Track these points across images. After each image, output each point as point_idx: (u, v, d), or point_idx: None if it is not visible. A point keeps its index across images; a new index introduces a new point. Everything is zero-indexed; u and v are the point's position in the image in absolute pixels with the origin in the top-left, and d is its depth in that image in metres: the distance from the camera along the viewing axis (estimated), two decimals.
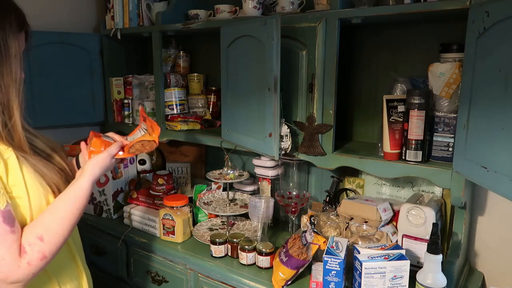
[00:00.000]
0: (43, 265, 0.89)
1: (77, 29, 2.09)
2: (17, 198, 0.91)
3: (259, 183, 1.76)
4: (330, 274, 1.17)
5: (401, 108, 1.30)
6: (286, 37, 1.39)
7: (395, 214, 1.41)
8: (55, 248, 0.91)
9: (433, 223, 1.15)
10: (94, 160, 1.03)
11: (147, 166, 2.09)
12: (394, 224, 1.41)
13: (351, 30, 1.53)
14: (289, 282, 1.31)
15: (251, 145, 1.46)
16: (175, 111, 1.92)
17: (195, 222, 1.77)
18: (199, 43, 2.08)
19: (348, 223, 1.38)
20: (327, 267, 1.17)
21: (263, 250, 1.40)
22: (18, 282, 0.86)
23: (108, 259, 1.81)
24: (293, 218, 1.61)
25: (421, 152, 1.26)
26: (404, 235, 1.33)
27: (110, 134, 1.17)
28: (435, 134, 1.28)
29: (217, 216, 1.78)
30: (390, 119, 1.31)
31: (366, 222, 1.36)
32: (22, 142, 0.95)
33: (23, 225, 0.92)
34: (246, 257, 1.43)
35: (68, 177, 1.05)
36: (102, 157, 1.04)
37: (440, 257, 1.11)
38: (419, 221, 1.29)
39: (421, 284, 1.12)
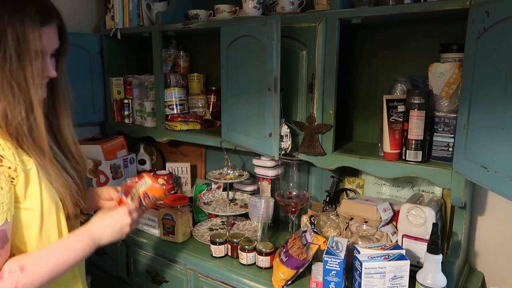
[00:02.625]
0: None
1: (77, 29, 2.09)
2: (29, 210, 0.89)
3: (259, 183, 1.76)
4: (330, 274, 1.17)
5: (401, 108, 1.30)
6: (286, 37, 1.39)
7: (395, 214, 1.41)
8: (32, 283, 0.85)
9: (433, 223, 1.15)
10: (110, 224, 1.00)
11: (147, 166, 2.09)
12: (394, 224, 1.41)
13: (351, 30, 1.53)
14: (289, 282, 1.31)
15: (251, 145, 1.46)
16: (175, 111, 1.92)
17: (195, 222, 1.77)
18: (199, 43, 2.08)
19: (348, 223, 1.38)
20: (327, 267, 1.17)
21: (263, 250, 1.40)
22: None
23: (108, 259, 1.81)
24: (293, 218, 1.61)
25: (421, 152, 1.26)
26: (404, 235, 1.33)
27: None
28: (435, 134, 1.28)
29: (217, 216, 1.78)
30: (390, 119, 1.31)
31: (366, 222, 1.36)
32: (43, 143, 0.92)
33: (30, 239, 0.90)
34: (246, 257, 1.43)
35: (78, 195, 1.00)
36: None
37: (440, 257, 1.11)
38: (419, 221, 1.29)
39: (421, 284, 1.12)
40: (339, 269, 1.16)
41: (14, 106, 0.86)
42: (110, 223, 1.00)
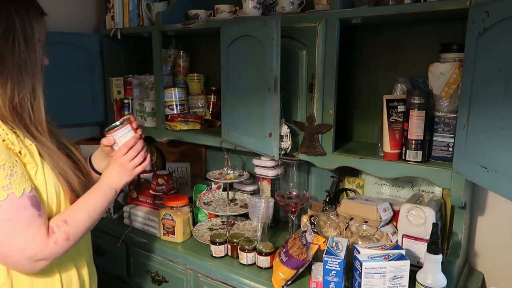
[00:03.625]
0: (67, 246, 0.95)
1: (77, 29, 2.09)
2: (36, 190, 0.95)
3: (259, 183, 1.76)
4: (330, 274, 1.17)
5: (401, 108, 1.30)
6: (286, 37, 1.39)
7: (395, 214, 1.41)
8: (78, 233, 0.98)
9: (433, 223, 1.15)
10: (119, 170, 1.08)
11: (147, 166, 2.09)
12: (394, 224, 1.41)
13: (351, 30, 1.53)
14: (289, 282, 1.31)
15: (251, 145, 1.46)
16: (175, 111, 1.92)
17: (195, 222, 1.77)
18: (199, 43, 2.08)
19: (348, 223, 1.38)
20: (327, 267, 1.17)
21: (263, 250, 1.40)
22: (45, 259, 0.92)
23: (108, 259, 1.81)
24: (293, 218, 1.61)
25: (421, 152, 1.26)
26: (404, 235, 1.33)
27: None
28: (435, 134, 1.28)
29: (217, 216, 1.78)
30: (390, 119, 1.31)
31: (366, 222, 1.36)
32: (44, 125, 0.99)
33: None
34: (246, 257, 1.43)
35: (83, 175, 1.08)
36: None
37: (440, 257, 1.11)
38: (419, 221, 1.29)
39: (421, 284, 1.12)
40: (339, 269, 1.16)
41: (22, 89, 0.94)
42: (116, 170, 1.08)
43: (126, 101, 2.10)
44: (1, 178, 0.86)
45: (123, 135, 1.10)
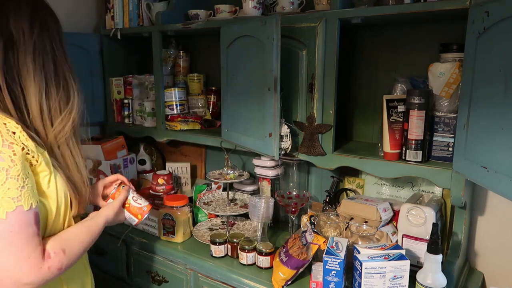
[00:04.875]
0: (57, 275, 0.91)
1: (77, 29, 2.09)
2: (48, 199, 0.94)
3: (259, 183, 1.76)
4: (330, 274, 1.17)
5: (401, 108, 1.30)
6: (286, 37, 1.39)
7: (395, 214, 1.41)
8: (70, 263, 0.95)
9: (433, 223, 1.15)
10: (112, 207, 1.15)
11: (147, 166, 2.09)
12: (394, 224, 1.41)
13: (351, 30, 1.53)
14: (289, 282, 1.31)
15: (251, 145, 1.46)
16: (175, 111, 1.92)
17: (195, 222, 1.77)
18: (199, 43, 2.08)
19: (348, 223, 1.38)
20: (327, 267, 1.17)
21: (263, 250, 1.40)
22: (32, 284, 0.86)
23: (108, 259, 1.81)
24: (293, 218, 1.61)
25: (421, 152, 1.26)
26: (404, 235, 1.33)
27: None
28: (435, 134, 1.28)
29: (217, 216, 1.78)
30: (390, 119, 1.31)
31: (366, 222, 1.36)
32: (63, 139, 0.99)
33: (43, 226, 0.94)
34: (246, 257, 1.43)
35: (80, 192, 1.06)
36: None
37: (440, 257, 1.11)
38: (419, 221, 1.29)
39: (421, 284, 1.12)
40: (339, 269, 1.16)
41: (56, 96, 0.96)
42: (114, 207, 1.15)
43: (126, 101, 2.10)
44: (13, 189, 0.82)
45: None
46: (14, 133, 0.84)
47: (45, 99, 0.93)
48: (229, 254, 1.50)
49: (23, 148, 0.85)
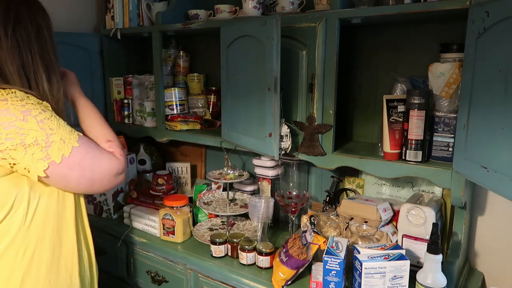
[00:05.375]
0: (125, 157, 1.13)
1: (77, 29, 2.09)
2: None
3: (259, 183, 1.76)
4: (330, 274, 1.17)
5: (401, 108, 1.30)
6: (286, 37, 1.39)
7: (395, 214, 1.41)
8: (118, 144, 1.15)
9: (433, 223, 1.15)
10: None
11: (147, 166, 2.09)
12: (394, 224, 1.41)
13: (351, 30, 1.53)
14: (289, 282, 1.31)
15: (251, 145, 1.46)
16: (175, 111, 1.92)
17: (195, 222, 1.77)
18: (199, 43, 2.08)
19: (348, 223, 1.38)
20: (327, 267, 1.17)
21: (263, 250, 1.40)
22: (124, 171, 1.11)
23: (108, 259, 1.81)
24: (293, 218, 1.61)
25: (421, 152, 1.26)
26: (404, 235, 1.33)
27: None
28: (435, 134, 1.28)
29: (217, 216, 1.78)
30: (390, 119, 1.31)
31: (366, 222, 1.36)
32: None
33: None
34: (246, 257, 1.43)
35: None
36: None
37: (440, 257, 1.11)
38: (419, 221, 1.29)
39: (421, 284, 1.12)
40: (339, 269, 1.16)
41: (55, 82, 1.09)
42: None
43: (126, 101, 2.10)
44: (66, 126, 1.00)
45: None
46: (28, 97, 0.96)
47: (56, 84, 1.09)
48: (229, 254, 1.50)
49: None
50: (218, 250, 1.49)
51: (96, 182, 1.04)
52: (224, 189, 1.81)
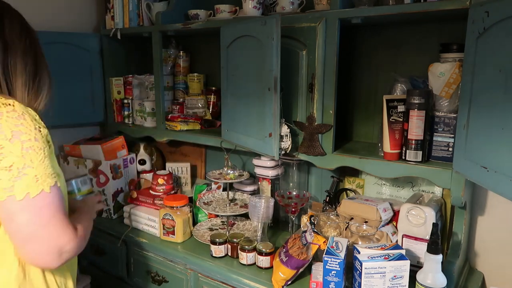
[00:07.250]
0: (82, 247, 0.98)
1: (77, 29, 2.09)
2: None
3: (259, 183, 1.76)
4: (330, 274, 1.17)
5: (401, 108, 1.30)
6: (286, 37, 1.39)
7: (395, 214, 1.41)
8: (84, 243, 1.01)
9: (433, 223, 1.15)
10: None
11: (147, 166, 2.09)
12: (394, 224, 1.41)
13: (351, 30, 1.53)
14: (289, 282, 1.31)
15: (251, 145, 1.46)
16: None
17: (195, 222, 1.77)
18: (199, 43, 2.08)
19: (348, 223, 1.38)
20: (327, 267, 1.17)
21: (263, 250, 1.40)
22: (71, 252, 0.92)
23: (108, 259, 1.81)
24: (293, 218, 1.61)
25: (421, 152, 1.26)
26: (404, 235, 1.33)
27: None
28: (435, 134, 1.28)
29: (217, 216, 1.78)
30: (390, 119, 1.31)
31: (366, 222, 1.36)
32: None
33: None
34: (246, 257, 1.43)
35: None
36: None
37: (440, 257, 1.11)
38: (419, 221, 1.29)
39: (421, 284, 1.12)
40: (339, 269, 1.16)
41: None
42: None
43: (126, 101, 2.10)
44: (49, 166, 0.90)
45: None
46: (35, 119, 0.91)
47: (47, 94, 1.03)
48: (229, 254, 1.50)
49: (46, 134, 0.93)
50: (218, 250, 1.49)
51: (33, 242, 0.87)
52: (224, 189, 1.81)
